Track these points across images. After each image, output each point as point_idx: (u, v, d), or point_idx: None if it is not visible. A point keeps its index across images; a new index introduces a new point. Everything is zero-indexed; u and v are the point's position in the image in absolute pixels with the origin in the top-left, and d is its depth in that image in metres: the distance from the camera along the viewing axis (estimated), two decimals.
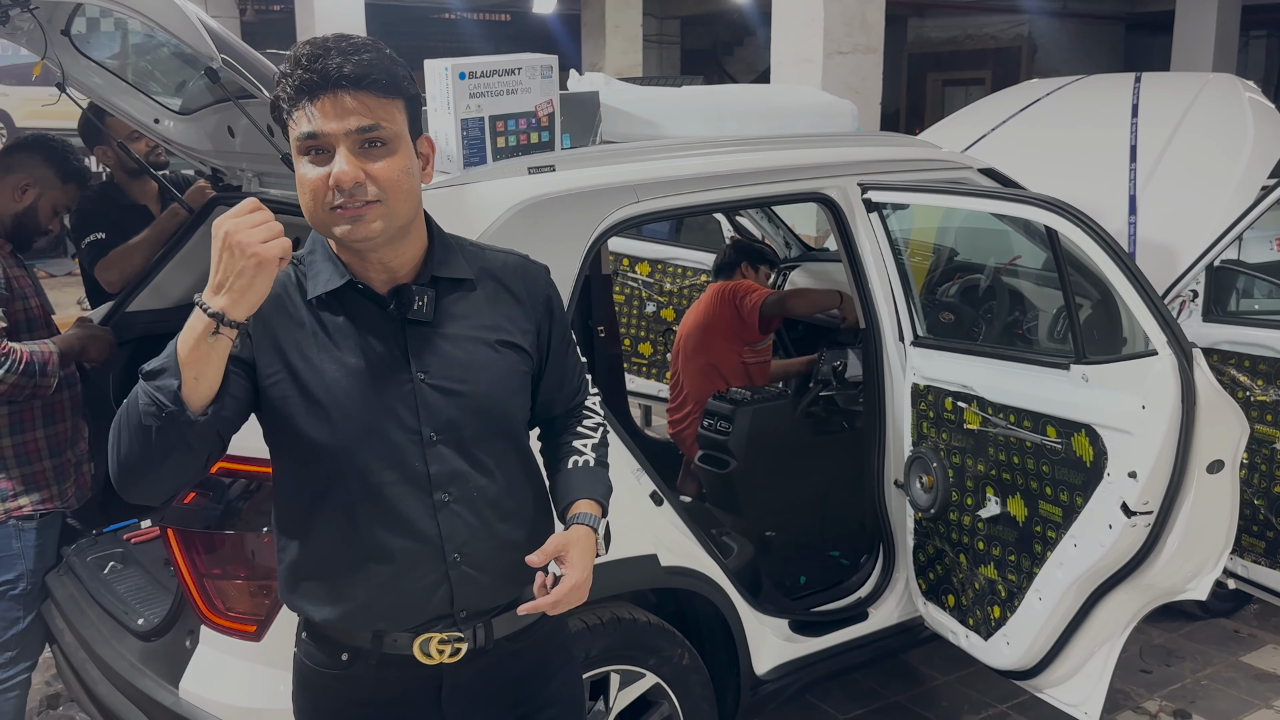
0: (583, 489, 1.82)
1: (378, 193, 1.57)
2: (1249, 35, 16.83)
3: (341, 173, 1.54)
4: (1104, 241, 2.47)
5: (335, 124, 1.54)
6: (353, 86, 1.54)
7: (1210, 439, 2.42)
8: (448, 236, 1.77)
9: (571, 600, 1.68)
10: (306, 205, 1.60)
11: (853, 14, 5.52)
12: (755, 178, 3.00)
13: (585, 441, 1.89)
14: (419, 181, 1.66)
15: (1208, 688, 3.67)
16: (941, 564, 3.04)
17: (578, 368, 1.93)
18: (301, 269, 1.69)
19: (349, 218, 1.57)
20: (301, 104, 1.55)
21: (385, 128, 1.57)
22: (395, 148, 1.59)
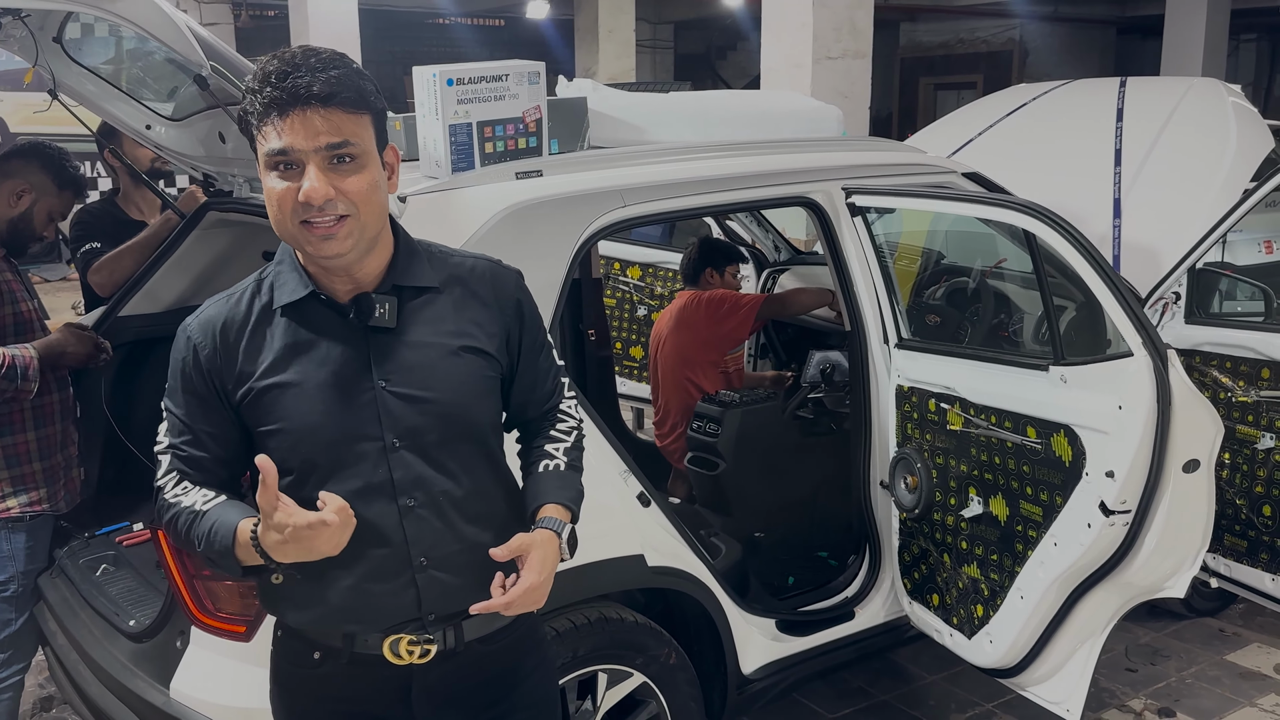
0: (550, 493, 1.84)
1: (348, 207, 1.61)
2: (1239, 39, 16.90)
3: (312, 189, 1.57)
4: (1080, 244, 2.50)
5: (304, 141, 1.57)
6: (322, 104, 1.57)
7: (1186, 439, 2.46)
8: (415, 243, 1.80)
9: (526, 602, 1.70)
10: (275, 218, 1.63)
11: (841, 19, 5.56)
12: (741, 182, 3.04)
13: (558, 445, 1.91)
14: (386, 194, 1.70)
15: (1192, 686, 3.70)
16: (926, 563, 3.07)
17: (553, 371, 1.94)
18: (267, 283, 1.74)
19: (318, 236, 1.60)
20: (270, 120, 1.58)
21: (354, 144, 1.61)
22: (364, 163, 1.63)
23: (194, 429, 1.72)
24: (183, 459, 1.72)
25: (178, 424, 1.73)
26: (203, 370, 1.71)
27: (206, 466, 1.72)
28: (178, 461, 1.72)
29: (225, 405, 1.71)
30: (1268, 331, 3.38)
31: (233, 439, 1.73)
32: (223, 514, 1.65)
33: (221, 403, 1.71)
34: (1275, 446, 3.31)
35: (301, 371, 1.68)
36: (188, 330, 1.74)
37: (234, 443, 1.73)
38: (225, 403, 1.71)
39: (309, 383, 1.68)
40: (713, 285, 4.38)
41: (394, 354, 1.71)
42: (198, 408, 1.72)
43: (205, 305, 1.76)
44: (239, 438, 1.73)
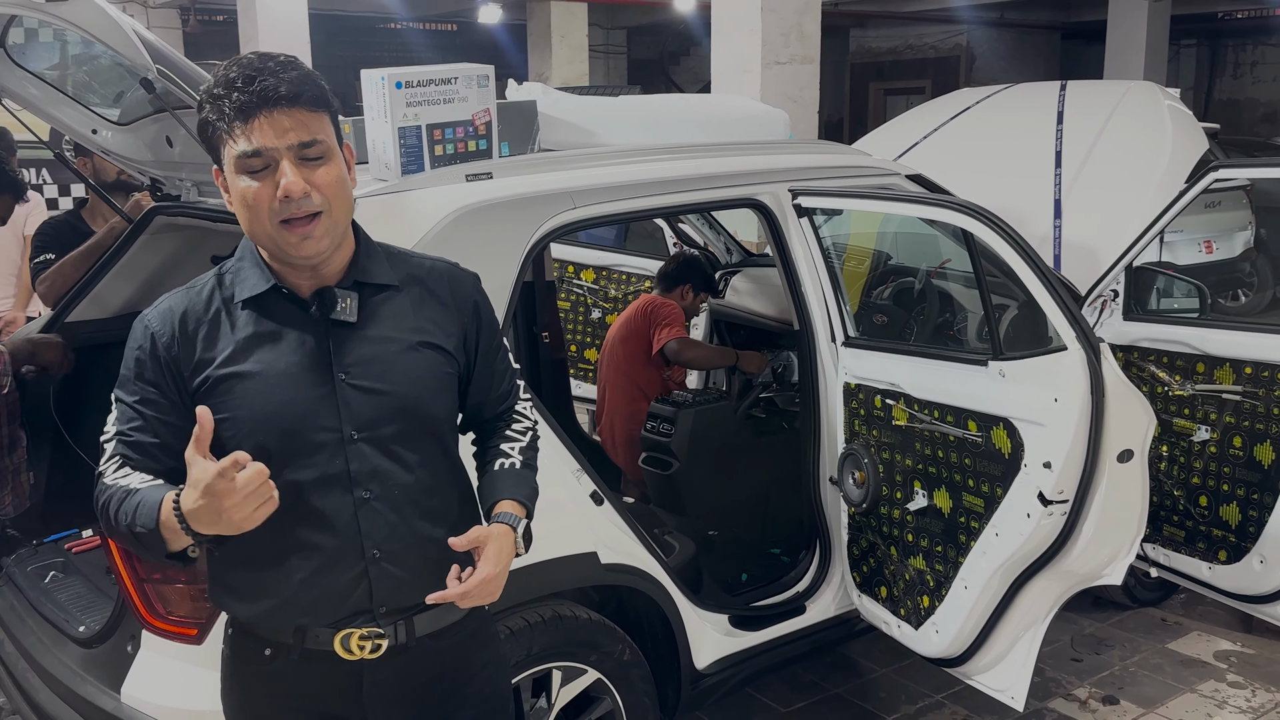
0: (506, 490, 1.87)
1: (322, 201, 1.65)
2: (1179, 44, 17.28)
3: (290, 183, 1.61)
4: (1015, 242, 2.58)
5: (276, 139, 1.61)
6: (288, 104, 1.62)
7: (1119, 429, 2.54)
8: (374, 244, 1.83)
9: (481, 594, 1.72)
10: (248, 220, 1.66)
11: (790, 25, 5.64)
12: (690, 184, 3.08)
13: (513, 444, 1.94)
14: (350, 188, 1.74)
15: (1135, 674, 3.79)
16: (874, 557, 3.13)
17: (508, 373, 1.98)
18: (228, 278, 1.76)
19: (298, 236, 1.64)
20: (238, 124, 1.61)
21: (321, 140, 1.65)
22: (330, 158, 1.67)
23: (145, 415, 1.72)
24: (129, 444, 1.71)
25: (128, 411, 1.73)
26: (160, 359, 1.72)
27: (152, 453, 1.72)
28: (123, 447, 1.72)
29: (180, 394, 1.72)
30: (1202, 327, 3.49)
31: (184, 429, 1.70)
32: (152, 493, 1.64)
33: (177, 391, 1.72)
34: (1211, 439, 3.41)
35: (261, 362, 1.70)
36: (145, 320, 1.75)
37: (184, 432, 1.71)
38: (181, 391, 1.72)
39: (268, 373, 1.69)
40: (684, 302, 4.43)
41: (354, 348, 1.74)
42: (152, 395, 1.72)
43: (163, 298, 1.78)
44: (190, 427, 1.73)
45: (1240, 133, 15.93)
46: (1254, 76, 17.73)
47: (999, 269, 2.77)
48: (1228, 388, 3.34)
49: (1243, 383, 3.30)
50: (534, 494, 1.92)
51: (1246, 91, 17.80)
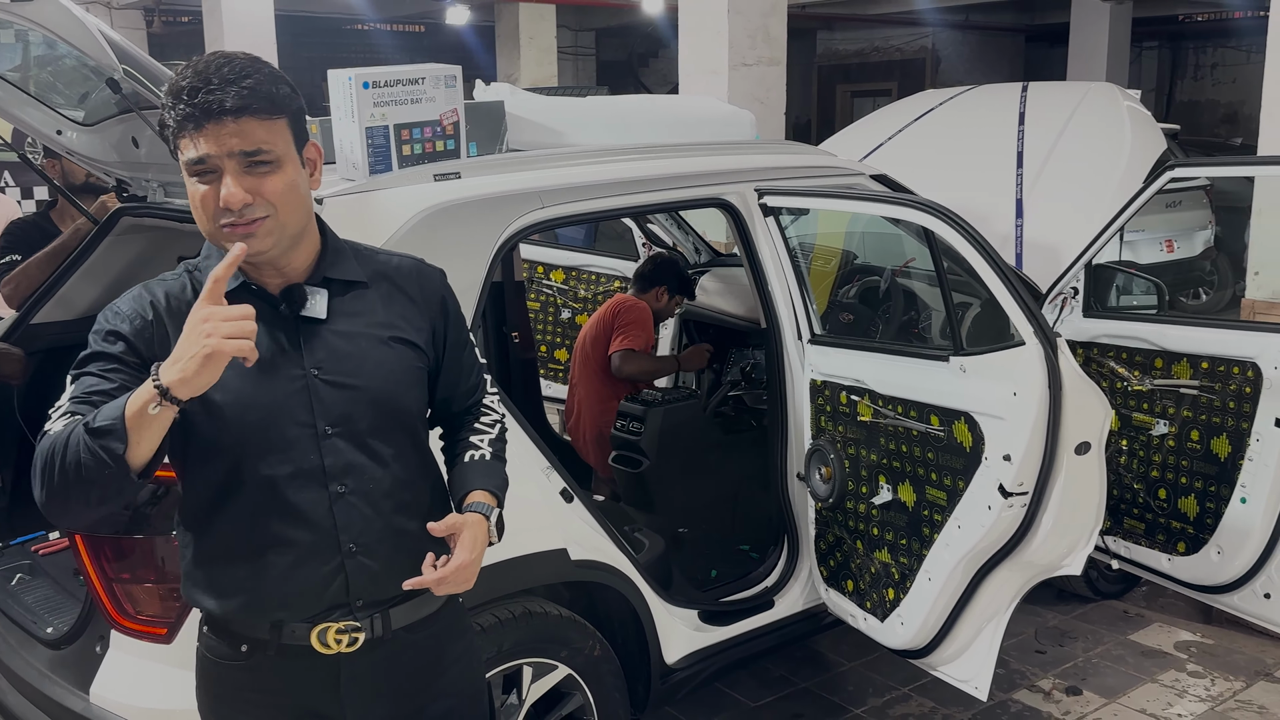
0: (477, 480, 1.90)
1: (266, 208, 1.66)
2: (1141, 46, 17.53)
3: (230, 195, 1.63)
4: (974, 240, 2.63)
5: (218, 148, 1.62)
6: (234, 116, 1.62)
7: (1077, 422, 2.59)
8: (341, 241, 1.85)
9: (457, 581, 1.73)
10: (200, 220, 1.68)
11: (756, 27, 5.68)
12: (657, 184, 3.11)
13: (482, 437, 1.96)
14: (308, 190, 1.74)
15: (1098, 665, 3.86)
16: (841, 551, 3.17)
17: (475, 367, 2.01)
18: (198, 275, 1.77)
19: (241, 235, 1.65)
20: (187, 131, 1.63)
21: (267, 150, 1.65)
22: (280, 165, 1.67)
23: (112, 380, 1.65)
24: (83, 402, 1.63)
25: (89, 379, 1.67)
26: (131, 342, 1.69)
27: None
28: (75, 405, 1.63)
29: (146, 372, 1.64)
30: (1160, 323, 3.56)
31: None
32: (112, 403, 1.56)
33: (143, 368, 1.66)
34: (1169, 432, 3.48)
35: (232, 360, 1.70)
36: (114, 307, 1.74)
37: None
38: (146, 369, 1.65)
39: (240, 369, 1.68)
40: (659, 304, 4.44)
41: (324, 343, 1.76)
42: (120, 366, 1.67)
43: (130, 290, 1.77)
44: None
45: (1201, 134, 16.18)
46: (1214, 78, 18.00)
47: (960, 267, 2.82)
48: (1185, 382, 3.41)
49: (1200, 377, 3.37)
50: (504, 484, 1.95)
51: (1207, 93, 18.08)
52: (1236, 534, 3.31)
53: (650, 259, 4.64)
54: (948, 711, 3.55)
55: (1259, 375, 3.20)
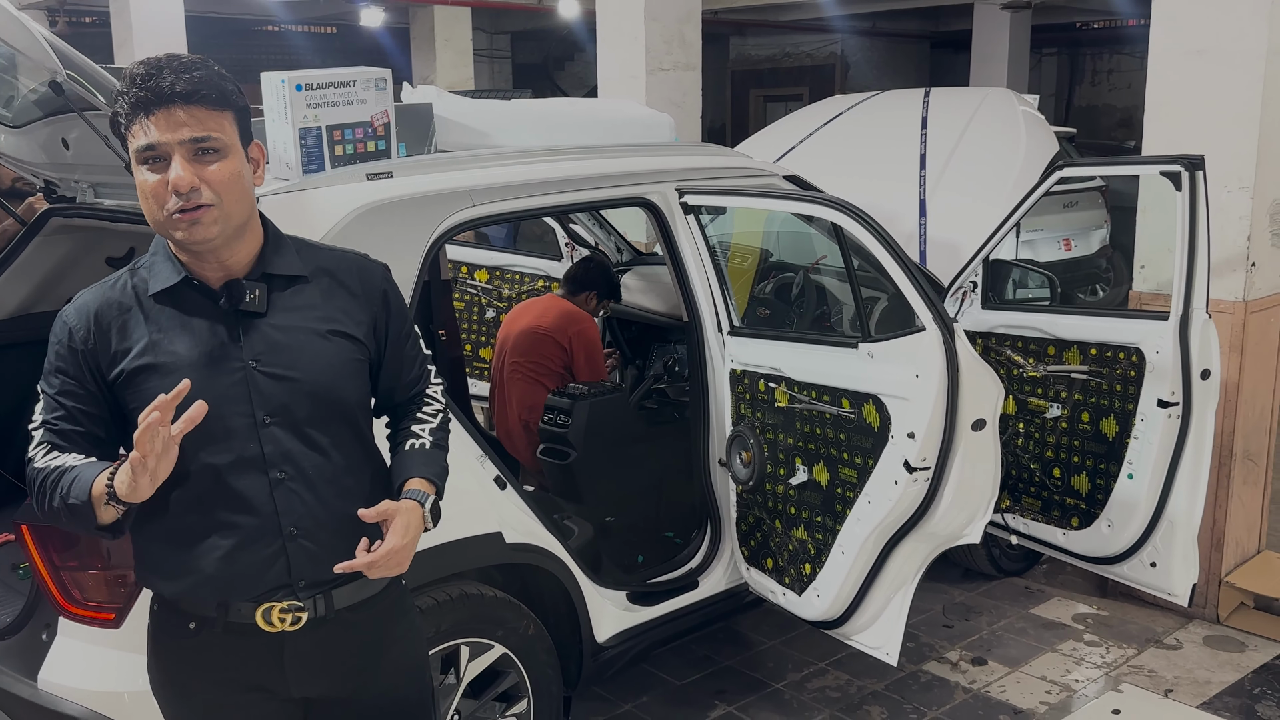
0: (416, 468, 1.98)
1: (212, 196, 1.75)
2: (1041, 53, 18.15)
3: (178, 178, 1.72)
4: (878, 234, 2.82)
5: (170, 135, 1.72)
6: (184, 101, 1.72)
7: (973, 400, 2.80)
8: (283, 236, 1.94)
9: (388, 565, 1.82)
10: (149, 210, 1.78)
11: (672, 33, 5.85)
12: (583, 184, 3.25)
13: (424, 426, 2.05)
14: (251, 184, 1.84)
15: (1002, 637, 4.09)
16: (761, 531, 3.35)
17: (419, 359, 2.09)
18: (142, 273, 1.86)
19: (187, 222, 1.74)
20: (139, 118, 1.72)
21: (216, 138, 1.75)
22: (226, 154, 1.77)
23: (66, 407, 1.81)
24: (55, 432, 1.81)
25: (52, 403, 1.82)
26: (77, 352, 1.81)
27: (76, 441, 1.81)
28: (50, 435, 1.81)
29: (100, 386, 1.82)
30: (1052, 313, 3.82)
31: (105, 419, 1.83)
32: (87, 470, 1.74)
33: (95, 384, 1.82)
34: (1062, 415, 3.73)
35: (174, 352, 1.79)
36: (64, 316, 1.85)
37: (107, 422, 1.83)
38: (100, 383, 1.82)
39: (181, 362, 1.79)
40: (587, 306, 4.51)
41: (264, 337, 1.84)
42: (72, 388, 1.82)
43: (80, 293, 1.87)
44: (111, 417, 1.83)
45: (1098, 137, 16.84)
46: (1110, 84, 18.73)
47: (866, 260, 3.01)
48: (1076, 368, 3.66)
49: (1089, 363, 3.62)
50: (443, 472, 2.03)
51: (1104, 98, 18.80)
52: (1125, 508, 3.57)
53: (581, 263, 4.71)
54: (862, 683, 3.74)
55: (1143, 360, 3.46)
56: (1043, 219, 7.88)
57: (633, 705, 3.65)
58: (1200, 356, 3.34)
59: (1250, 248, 3.88)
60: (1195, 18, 3.84)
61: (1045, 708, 3.61)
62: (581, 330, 4.39)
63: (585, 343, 4.38)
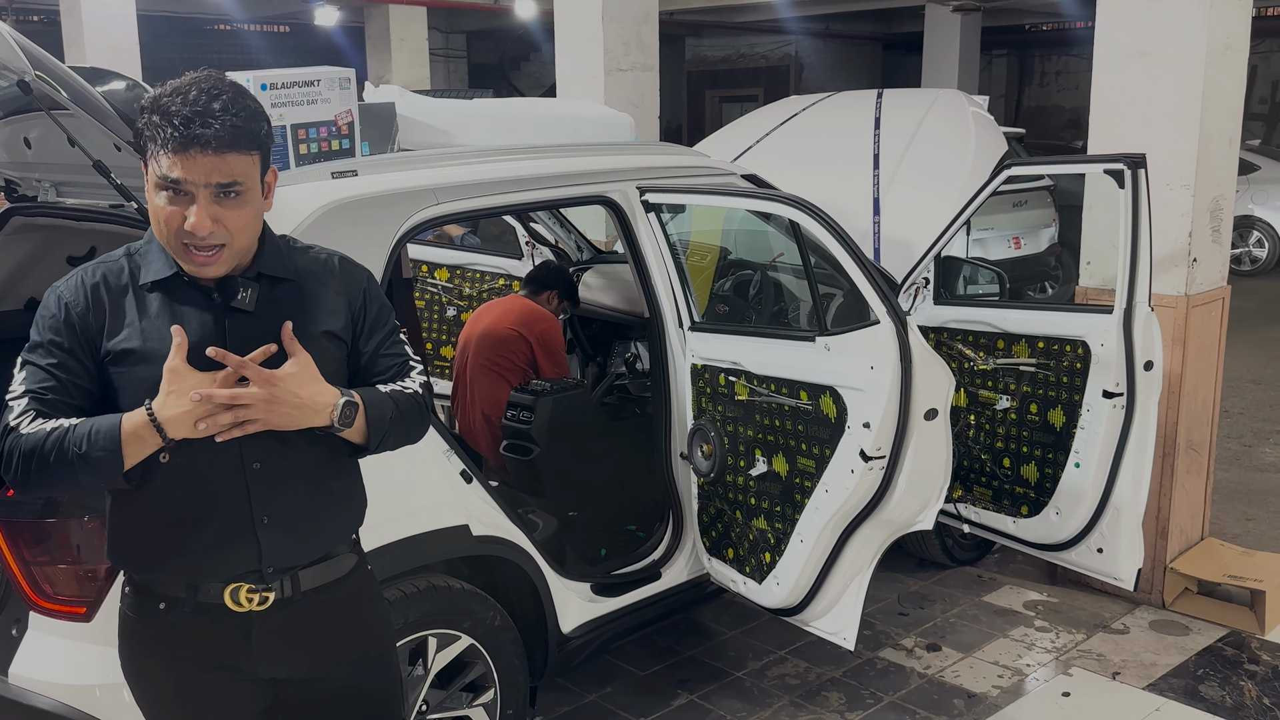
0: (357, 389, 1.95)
1: (226, 236, 1.80)
2: (991, 54, 18.46)
3: (198, 224, 1.77)
4: (833, 230, 2.91)
5: (197, 176, 1.76)
6: (218, 150, 1.75)
7: (925, 391, 2.90)
8: (277, 238, 1.99)
9: (262, 392, 1.78)
10: (158, 230, 1.82)
11: (630, 34, 5.91)
12: (546, 182, 3.30)
13: (388, 386, 2.01)
14: (262, 215, 1.90)
15: (955, 624, 4.19)
16: (722, 522, 3.42)
17: (401, 357, 2.06)
18: (137, 259, 1.89)
19: (200, 262, 1.81)
20: (167, 151, 1.75)
21: (241, 183, 1.79)
22: (247, 199, 1.82)
23: (59, 379, 1.83)
24: (44, 402, 1.81)
25: (39, 373, 1.83)
26: (75, 326, 1.84)
27: (65, 413, 1.81)
28: (37, 403, 1.81)
29: (94, 360, 1.85)
30: (1001, 308, 3.93)
31: (95, 394, 1.85)
32: (101, 419, 1.77)
33: (90, 357, 1.84)
34: (1011, 406, 3.84)
35: (161, 342, 1.82)
36: (58, 291, 1.87)
37: (95, 398, 1.85)
38: (94, 358, 1.85)
39: (166, 351, 1.81)
40: (550, 306, 4.57)
41: (249, 334, 1.87)
42: (67, 360, 1.83)
43: (72, 273, 1.89)
44: (100, 393, 1.86)
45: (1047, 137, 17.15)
46: (1059, 85, 19.08)
47: (821, 256, 3.10)
48: (1024, 361, 3.78)
49: (1036, 356, 3.74)
50: (380, 402, 1.94)
51: (1053, 99, 19.15)
52: (1072, 496, 3.68)
53: (543, 264, 4.77)
54: (820, 670, 3.83)
55: (1088, 352, 3.58)
56: (993, 218, 8.05)
57: (597, 695, 3.71)
58: (1143, 349, 3.46)
59: (1192, 244, 4.01)
60: (1138, 21, 3.97)
61: (998, 691, 3.71)
62: (546, 329, 4.45)
63: (549, 341, 4.44)
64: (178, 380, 1.76)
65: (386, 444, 1.98)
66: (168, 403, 1.75)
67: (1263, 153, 12.74)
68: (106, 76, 3.04)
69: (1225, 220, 4.18)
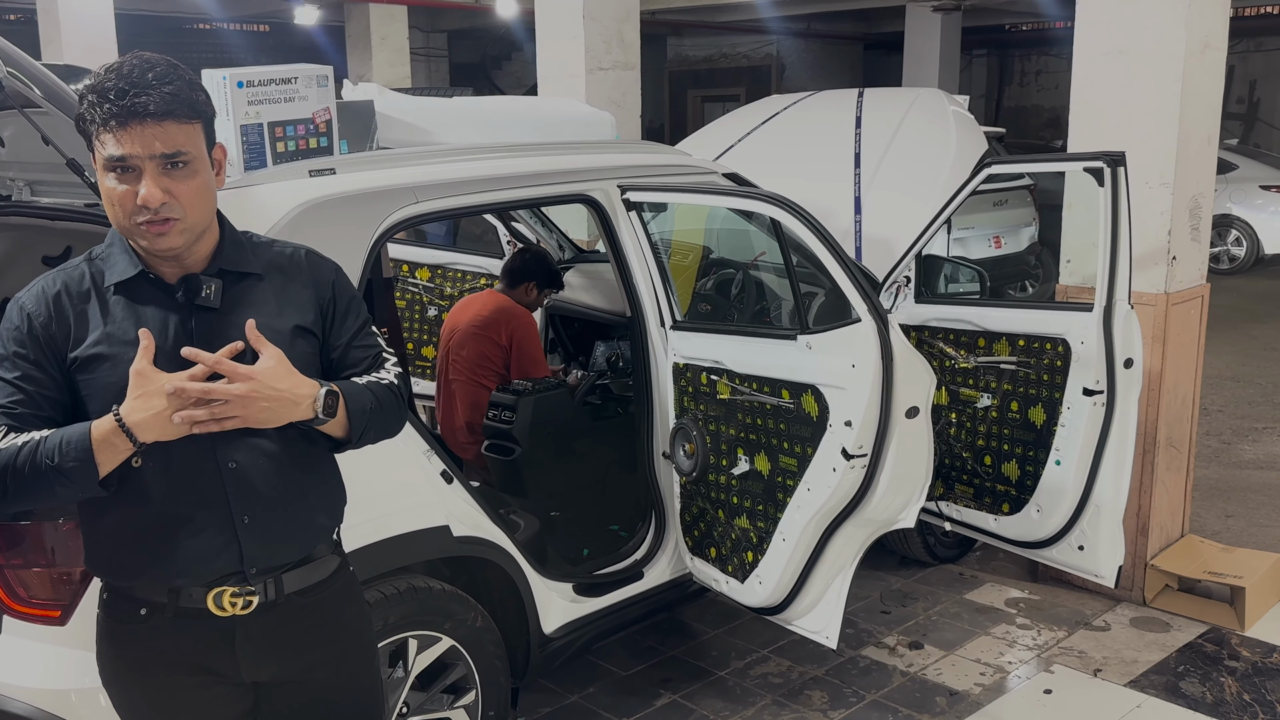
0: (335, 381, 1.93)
1: (179, 209, 1.78)
2: (972, 54, 18.55)
3: (148, 195, 1.75)
4: (815, 228, 2.91)
5: (141, 149, 1.74)
6: (157, 119, 1.74)
7: (906, 389, 2.90)
8: (238, 233, 1.96)
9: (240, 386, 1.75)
10: (114, 215, 1.80)
11: (611, 33, 5.89)
12: (526, 180, 3.28)
13: (363, 378, 1.98)
14: (214, 189, 1.87)
15: (937, 622, 4.20)
16: (704, 521, 3.41)
17: (371, 344, 2.04)
18: (98, 263, 1.87)
19: (154, 234, 1.78)
20: (110, 129, 1.74)
21: (185, 153, 1.78)
22: (195, 168, 1.80)
23: (27, 391, 1.81)
24: (14, 416, 1.80)
25: (6, 386, 1.82)
26: (38, 336, 1.82)
27: (36, 425, 1.80)
28: (7, 418, 1.80)
29: (60, 370, 1.83)
30: (982, 306, 3.94)
31: (66, 404, 1.84)
32: (70, 429, 1.76)
33: (57, 367, 1.83)
34: (992, 405, 3.85)
35: (128, 344, 1.80)
36: (20, 301, 1.86)
37: (66, 408, 1.84)
38: (59, 367, 1.83)
39: (134, 354, 1.79)
40: (528, 298, 4.51)
41: (217, 332, 1.86)
42: (33, 372, 1.82)
43: (34, 283, 1.87)
44: (70, 403, 1.84)
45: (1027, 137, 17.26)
46: (1039, 85, 19.20)
47: (803, 254, 3.10)
48: (1005, 359, 3.79)
49: (1017, 354, 3.74)
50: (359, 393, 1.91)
51: (1032, 99, 19.27)
52: (1053, 493, 3.69)
53: (518, 254, 4.70)
54: (803, 669, 3.83)
55: (1068, 350, 3.59)
56: (974, 217, 8.08)
57: (580, 696, 3.69)
58: (1123, 346, 3.47)
59: (1171, 242, 4.03)
60: (1117, 20, 3.99)
61: (980, 689, 3.72)
62: (519, 326, 4.41)
63: (522, 338, 4.40)
64: (145, 383, 1.74)
65: (368, 436, 1.96)
66: (135, 406, 1.74)
67: (1241, 152, 12.85)
68: (81, 74, 3.00)
69: (1204, 218, 4.20)
